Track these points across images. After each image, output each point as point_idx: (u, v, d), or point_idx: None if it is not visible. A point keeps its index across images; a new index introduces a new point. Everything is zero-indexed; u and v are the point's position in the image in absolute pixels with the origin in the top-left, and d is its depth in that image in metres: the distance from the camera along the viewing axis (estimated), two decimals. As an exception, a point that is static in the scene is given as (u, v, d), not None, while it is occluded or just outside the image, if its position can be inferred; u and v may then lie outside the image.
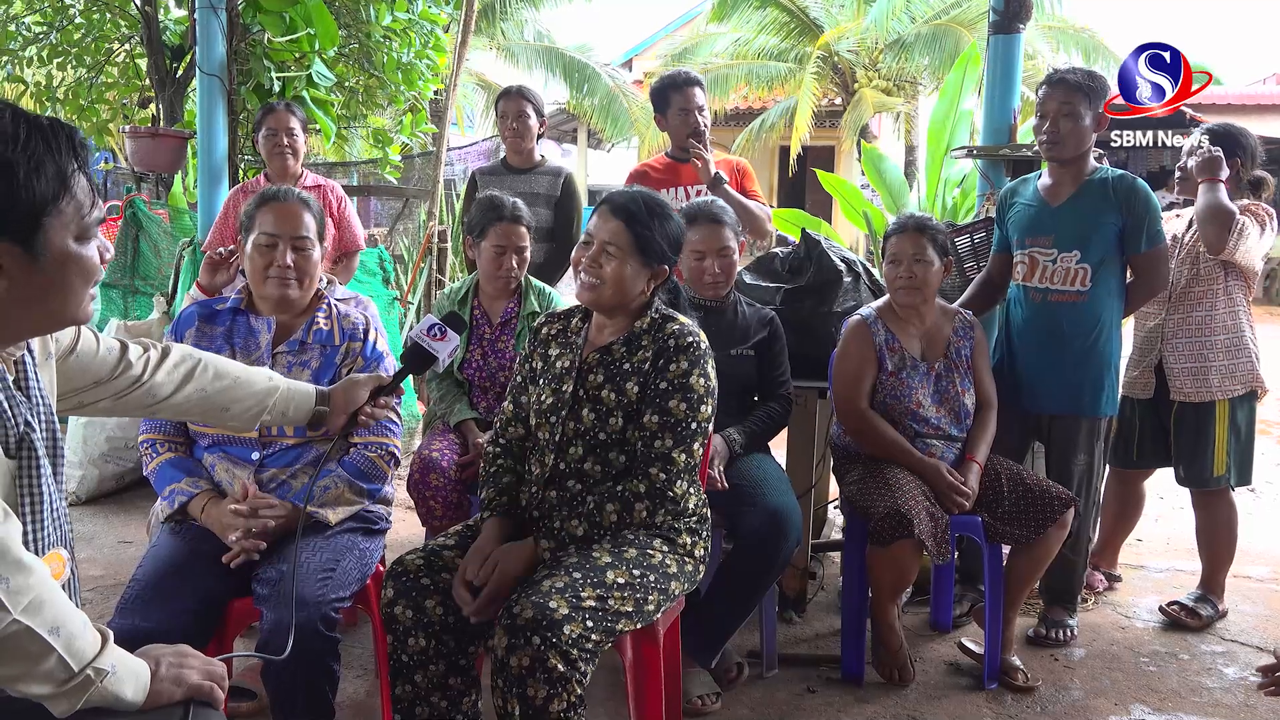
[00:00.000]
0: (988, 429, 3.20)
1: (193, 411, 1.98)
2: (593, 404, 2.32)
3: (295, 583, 2.12)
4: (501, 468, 2.45)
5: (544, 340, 2.50)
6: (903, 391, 3.15)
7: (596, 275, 2.32)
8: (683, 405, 2.25)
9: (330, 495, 2.43)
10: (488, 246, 3.32)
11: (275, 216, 2.54)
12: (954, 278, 3.79)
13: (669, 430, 2.25)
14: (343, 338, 2.57)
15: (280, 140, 4.31)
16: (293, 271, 2.52)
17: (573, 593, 2.05)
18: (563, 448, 2.34)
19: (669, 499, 2.26)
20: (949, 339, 3.23)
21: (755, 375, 3.21)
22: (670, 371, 2.27)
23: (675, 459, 2.25)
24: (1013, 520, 3.04)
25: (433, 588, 2.24)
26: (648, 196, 2.36)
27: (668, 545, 2.29)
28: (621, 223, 2.31)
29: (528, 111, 4.39)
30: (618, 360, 2.34)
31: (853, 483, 3.14)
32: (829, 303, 3.62)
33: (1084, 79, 3.24)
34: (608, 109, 16.91)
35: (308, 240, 2.55)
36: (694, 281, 3.22)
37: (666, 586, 2.22)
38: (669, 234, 2.36)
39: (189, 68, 5.82)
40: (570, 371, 2.38)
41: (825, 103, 17.28)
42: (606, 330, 2.40)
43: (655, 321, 2.36)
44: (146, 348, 1.90)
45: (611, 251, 2.31)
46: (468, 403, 3.35)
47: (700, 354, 2.29)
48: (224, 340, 2.56)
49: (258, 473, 2.45)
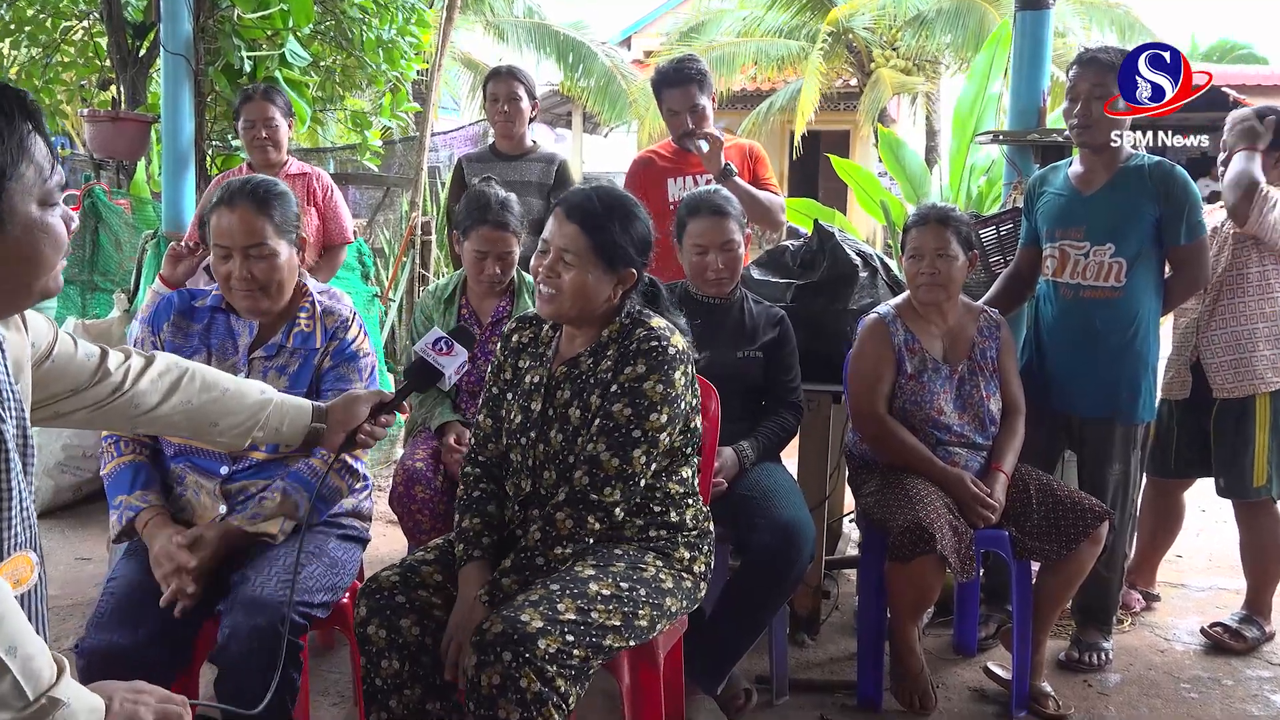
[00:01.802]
0: (1015, 436, 3.20)
1: (179, 426, 1.98)
2: (560, 424, 2.30)
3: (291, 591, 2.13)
4: (484, 492, 2.40)
5: (515, 349, 2.47)
6: (923, 396, 3.15)
7: (554, 285, 2.27)
8: (626, 410, 2.21)
9: (267, 507, 2.39)
10: (469, 249, 3.32)
11: (224, 225, 2.47)
12: (979, 273, 3.79)
13: (605, 434, 2.22)
14: (325, 338, 2.56)
15: (259, 132, 4.32)
16: (255, 282, 2.47)
17: (548, 605, 2.05)
18: (536, 472, 2.33)
19: (593, 504, 2.21)
20: (973, 339, 3.23)
21: (763, 379, 3.21)
22: (624, 375, 2.24)
23: (604, 462, 2.20)
24: (1042, 535, 3.04)
25: (408, 606, 2.23)
26: (607, 194, 2.31)
27: (662, 559, 2.29)
28: (577, 226, 2.26)
29: (519, 94, 4.39)
30: (584, 374, 2.31)
31: (870, 494, 3.14)
32: (843, 300, 3.62)
33: (1118, 58, 3.24)
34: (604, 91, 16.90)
35: (265, 247, 2.46)
36: (696, 277, 3.22)
37: (660, 602, 2.22)
38: (634, 235, 2.30)
39: (153, 46, 5.83)
40: (539, 388, 2.36)
41: (840, 84, 17.27)
42: (577, 341, 2.37)
43: (624, 327, 2.32)
44: (128, 354, 1.89)
45: (569, 259, 2.26)
46: (450, 406, 3.35)
47: (666, 359, 2.23)
48: (200, 340, 2.55)
49: (225, 484, 2.45)
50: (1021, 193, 3.72)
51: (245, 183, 2.51)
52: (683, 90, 4.06)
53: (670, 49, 16.13)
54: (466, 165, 4.53)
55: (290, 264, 2.53)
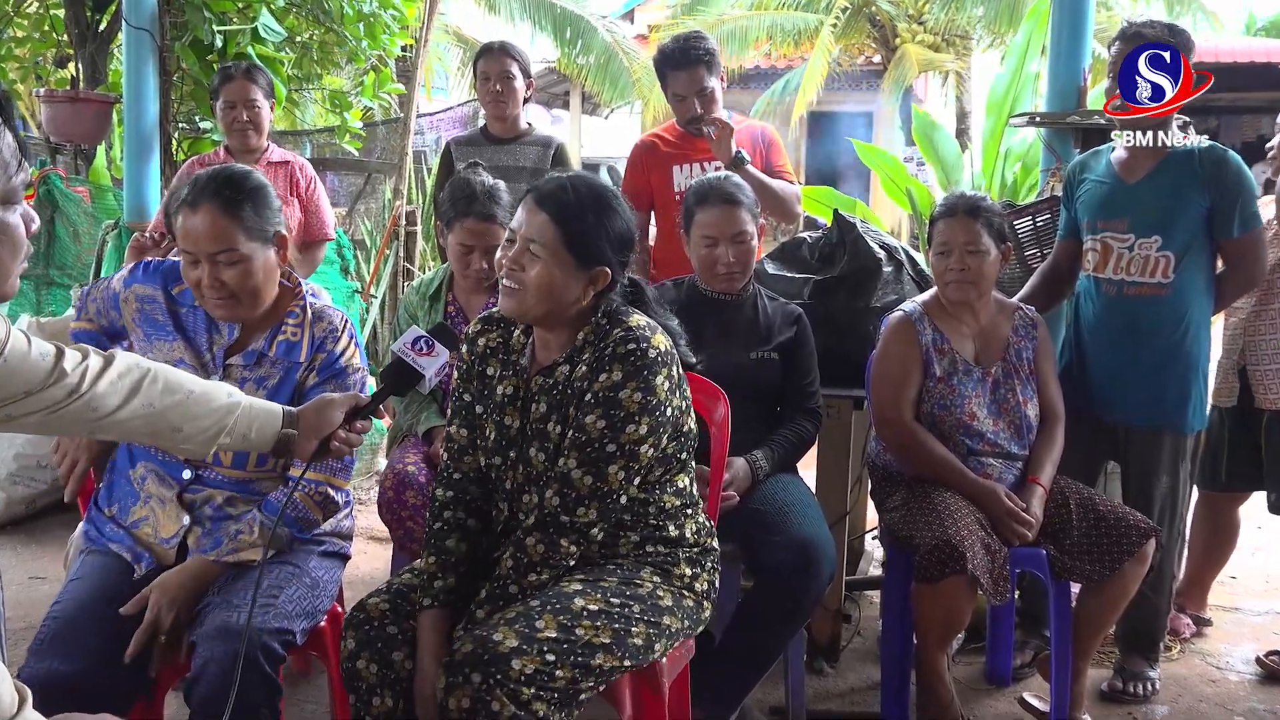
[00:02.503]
0: (1054, 446, 3.20)
1: (139, 431, 1.98)
2: (540, 441, 2.28)
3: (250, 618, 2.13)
4: (446, 523, 2.36)
5: (481, 353, 2.43)
6: (953, 401, 3.15)
7: (517, 279, 2.23)
8: (600, 422, 2.19)
9: (243, 540, 2.39)
10: (454, 242, 3.32)
11: (189, 228, 2.39)
12: (1013, 267, 3.79)
13: (575, 448, 2.20)
14: (310, 349, 2.52)
15: (239, 114, 4.32)
16: (226, 289, 2.41)
17: (525, 623, 2.05)
18: (515, 496, 2.32)
19: (565, 527, 2.19)
20: (1008, 339, 3.23)
21: (778, 382, 3.21)
22: (598, 383, 2.21)
23: (576, 480, 2.19)
24: (1083, 553, 3.04)
25: (400, 637, 2.23)
26: (585, 184, 2.29)
27: (660, 575, 2.28)
28: (547, 216, 2.23)
29: (512, 71, 4.39)
30: (560, 383, 2.29)
31: (894, 509, 3.14)
32: (866, 296, 3.63)
33: (1164, 33, 3.24)
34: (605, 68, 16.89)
35: (234, 253, 2.39)
36: (705, 272, 3.23)
37: (657, 620, 2.21)
38: (611, 231, 2.27)
39: (114, 20, 5.85)
40: (514, 400, 2.34)
41: (861, 60, 17.27)
42: (551, 346, 2.34)
43: (600, 328, 2.29)
44: (86, 354, 1.90)
45: (535, 251, 2.22)
46: (437, 410, 3.35)
47: (644, 363, 2.20)
48: (174, 328, 2.52)
49: (186, 492, 2.46)
50: (1060, 180, 3.72)
51: (211, 179, 2.42)
52: (689, 73, 4.05)
53: (676, 23, 16.12)
54: (455, 149, 4.54)
55: (267, 267, 2.46)
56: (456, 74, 17.93)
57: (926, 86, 18.62)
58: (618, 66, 16.67)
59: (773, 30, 16.55)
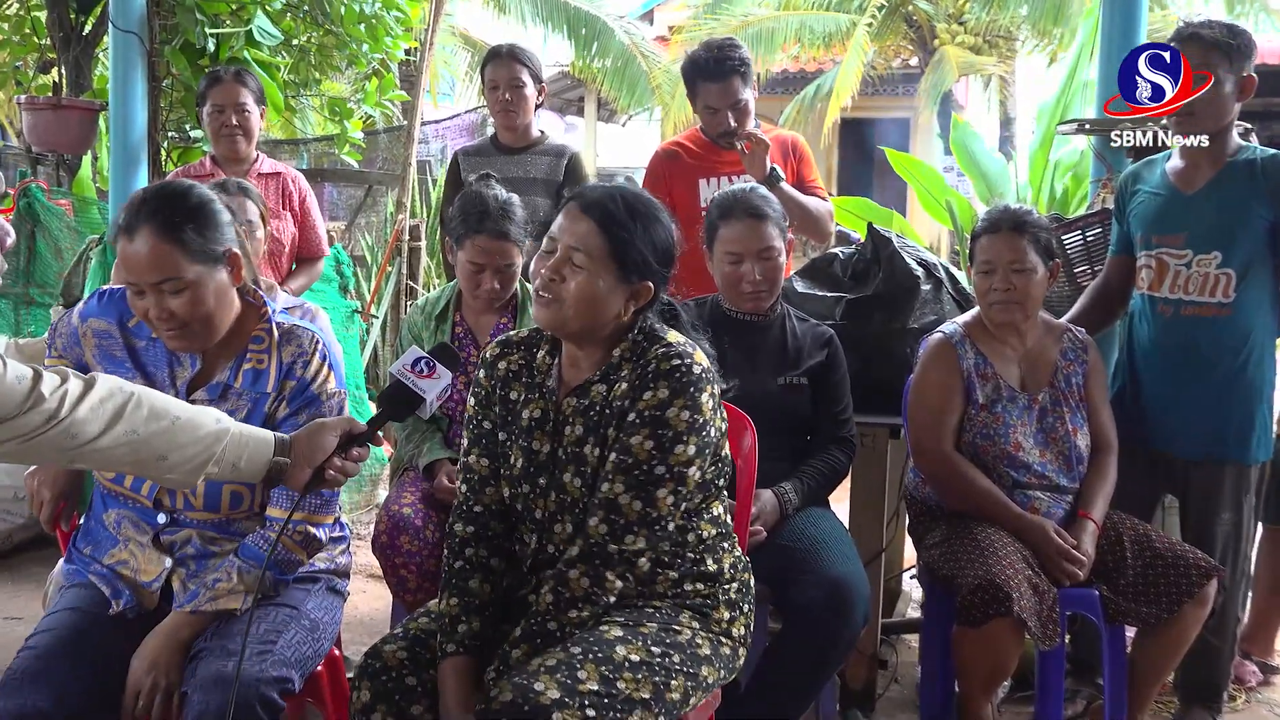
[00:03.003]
0: (1106, 478, 3.19)
1: (123, 460, 1.99)
2: (575, 465, 2.28)
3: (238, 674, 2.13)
4: (469, 561, 2.35)
5: (502, 377, 2.43)
6: (997, 430, 3.14)
7: (556, 291, 2.25)
8: (648, 443, 2.19)
9: (222, 589, 2.37)
10: (464, 260, 3.32)
11: (125, 257, 2.34)
12: (1062, 285, 3.79)
13: (621, 472, 2.20)
14: (280, 376, 2.48)
15: (228, 119, 4.35)
16: (175, 319, 2.35)
17: (567, 672, 2.04)
18: (547, 526, 2.31)
19: (612, 558, 2.19)
20: (1056, 363, 3.22)
21: (809, 410, 3.21)
22: (643, 401, 2.22)
23: (625, 507, 2.19)
24: (1139, 595, 3.02)
25: (420, 689, 2.23)
26: (630, 193, 2.31)
27: (699, 620, 2.28)
28: (594, 224, 2.24)
29: (522, 79, 4.39)
30: (596, 404, 2.30)
31: (934, 545, 3.13)
32: (903, 317, 3.62)
33: (1223, 34, 3.24)
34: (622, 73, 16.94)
35: (178, 280, 2.31)
36: (729, 291, 3.23)
37: (696, 671, 2.21)
38: (656, 241, 2.29)
39: (99, 22, 5.89)
40: (543, 424, 2.34)
41: (897, 64, 17.29)
42: (581, 365, 2.35)
43: (637, 344, 2.30)
44: (65, 377, 1.90)
45: (578, 261, 2.23)
46: (441, 440, 3.35)
47: (690, 380, 2.21)
48: (132, 364, 2.49)
49: (163, 535, 2.47)
50: (1111, 192, 3.71)
51: (147, 199, 2.35)
52: (723, 85, 4.04)
53: (698, 24, 16.19)
54: (463, 160, 4.56)
55: (219, 291, 2.39)
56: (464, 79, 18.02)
57: (967, 91, 18.65)
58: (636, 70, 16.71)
59: (801, 32, 16.58)
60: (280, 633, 2.35)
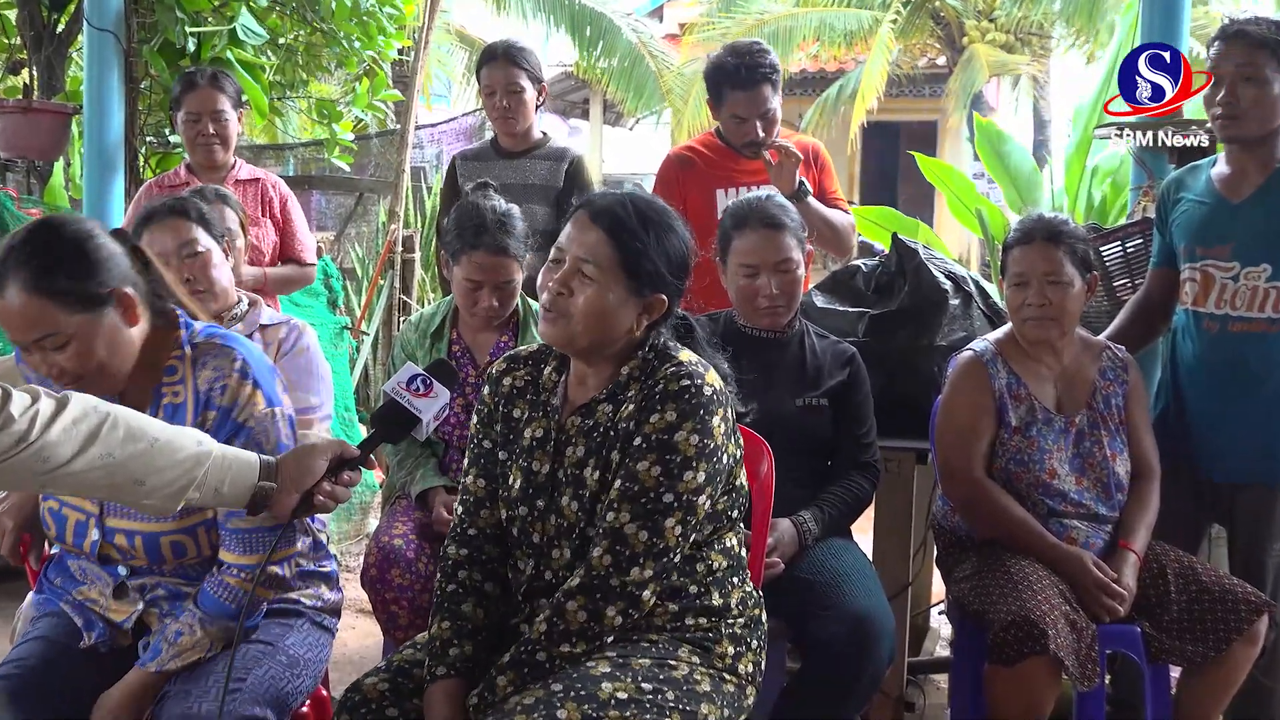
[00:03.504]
0: (1148, 507, 3.18)
1: (97, 484, 1.99)
2: (574, 488, 2.29)
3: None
4: (461, 585, 2.36)
5: (506, 394, 2.44)
6: (1031, 454, 3.14)
7: (563, 306, 2.25)
8: (655, 469, 2.19)
9: (185, 643, 2.35)
10: (460, 276, 3.32)
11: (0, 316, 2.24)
12: (1100, 299, 3.79)
13: (627, 500, 2.20)
14: (198, 409, 2.38)
15: (205, 128, 4.37)
16: (67, 374, 2.25)
17: (545, 711, 2.04)
18: (544, 551, 2.32)
19: (614, 591, 2.19)
20: (1094, 383, 3.22)
21: (829, 433, 3.21)
22: (649, 424, 2.22)
23: (631, 538, 2.18)
24: (1184, 631, 3.02)
25: (401, 719, 2.23)
26: (643, 201, 2.32)
27: (699, 655, 2.27)
28: (603, 233, 2.25)
29: (520, 82, 4.36)
30: (601, 424, 2.30)
31: (964, 579, 3.13)
32: (930, 333, 3.63)
33: (1271, 32, 3.24)
34: (629, 73, 16.97)
35: (57, 335, 2.21)
36: (744, 306, 3.23)
37: (694, 710, 2.18)
38: (669, 252, 2.30)
39: (73, 21, 5.91)
40: (544, 444, 2.35)
41: (924, 63, 17.31)
42: (589, 382, 2.36)
43: (647, 362, 2.31)
44: (36, 397, 1.91)
45: (588, 272, 2.24)
46: (435, 467, 3.36)
47: (700, 402, 2.22)
48: None
49: (129, 579, 2.47)
50: (1153, 200, 3.71)
51: (12, 248, 2.22)
52: (753, 93, 4.04)
53: (712, 22, 16.20)
54: (460, 166, 4.56)
55: (109, 336, 2.28)
56: (460, 80, 18.07)
57: (999, 92, 18.64)
58: (644, 71, 16.74)
59: (821, 30, 16.59)
60: (250, 670, 2.34)
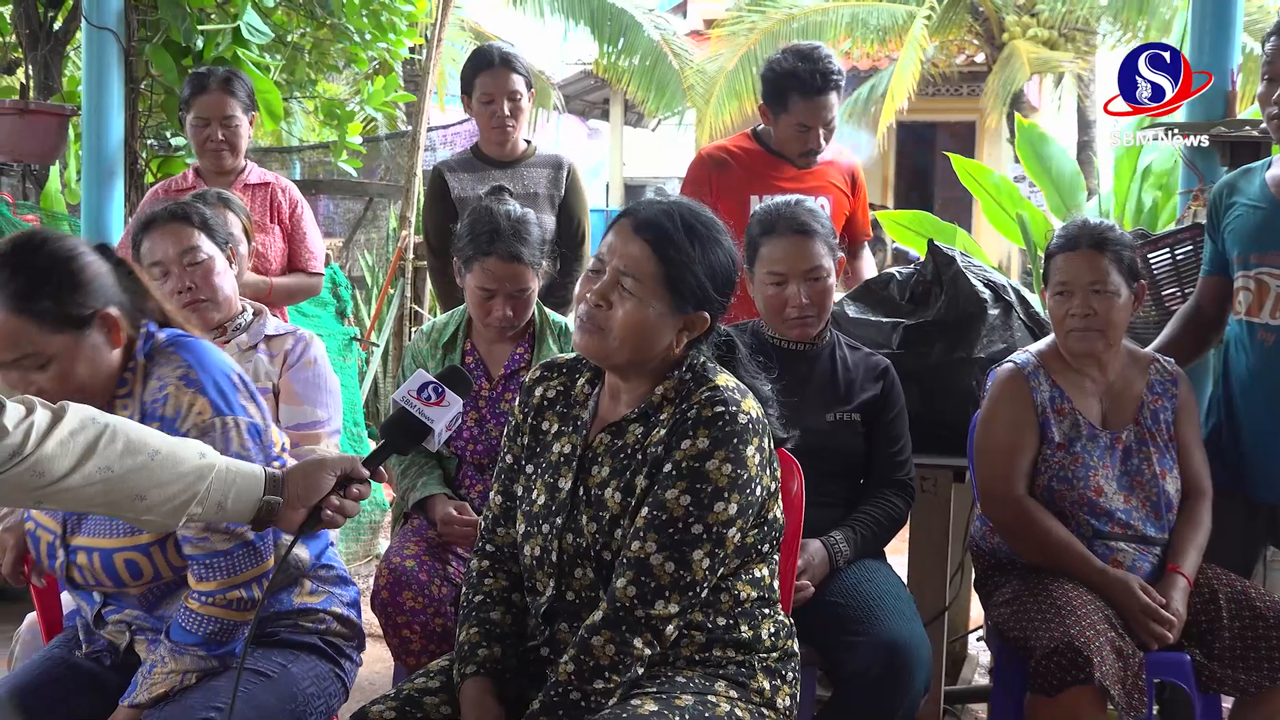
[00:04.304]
0: (1199, 528, 3.17)
1: (95, 500, 2.00)
2: (594, 509, 2.30)
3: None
4: (488, 595, 2.40)
5: (538, 406, 2.46)
6: (1076, 472, 3.14)
7: (601, 319, 2.26)
8: (685, 498, 2.19)
9: (156, 675, 2.35)
10: (472, 285, 3.34)
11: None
12: (1148, 309, 3.78)
13: (654, 529, 2.20)
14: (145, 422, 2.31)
15: (214, 133, 4.39)
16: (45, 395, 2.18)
17: None
18: (566, 571, 2.33)
19: (640, 623, 2.19)
20: (1142, 398, 3.22)
21: (862, 449, 3.21)
22: (680, 450, 2.22)
23: (657, 569, 2.18)
24: (1236, 660, 3.00)
25: None
26: (688, 210, 2.32)
27: (737, 689, 2.28)
28: (646, 245, 2.25)
29: (520, 89, 4.42)
30: (629, 444, 2.31)
31: (1004, 603, 3.12)
32: (968, 345, 3.63)
33: (1332, 27, 3.24)
34: (651, 72, 17.00)
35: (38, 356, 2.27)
36: (772, 316, 3.24)
37: None
38: (715, 267, 2.30)
39: (71, 18, 5.95)
40: (570, 460, 2.36)
41: (961, 60, 17.30)
42: (622, 399, 2.36)
43: (683, 384, 2.31)
44: (30, 408, 1.92)
45: (629, 286, 2.24)
46: (439, 477, 3.37)
47: (734, 430, 2.21)
48: None
49: (106, 613, 2.49)
50: (1204, 205, 3.70)
51: None
52: (821, 101, 4.13)
53: (740, 18, 16.23)
54: (450, 176, 4.54)
55: (91, 356, 2.33)
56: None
57: (1040, 91, 18.63)
58: (667, 70, 16.76)
59: (853, 26, 16.59)
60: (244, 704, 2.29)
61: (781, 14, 16.10)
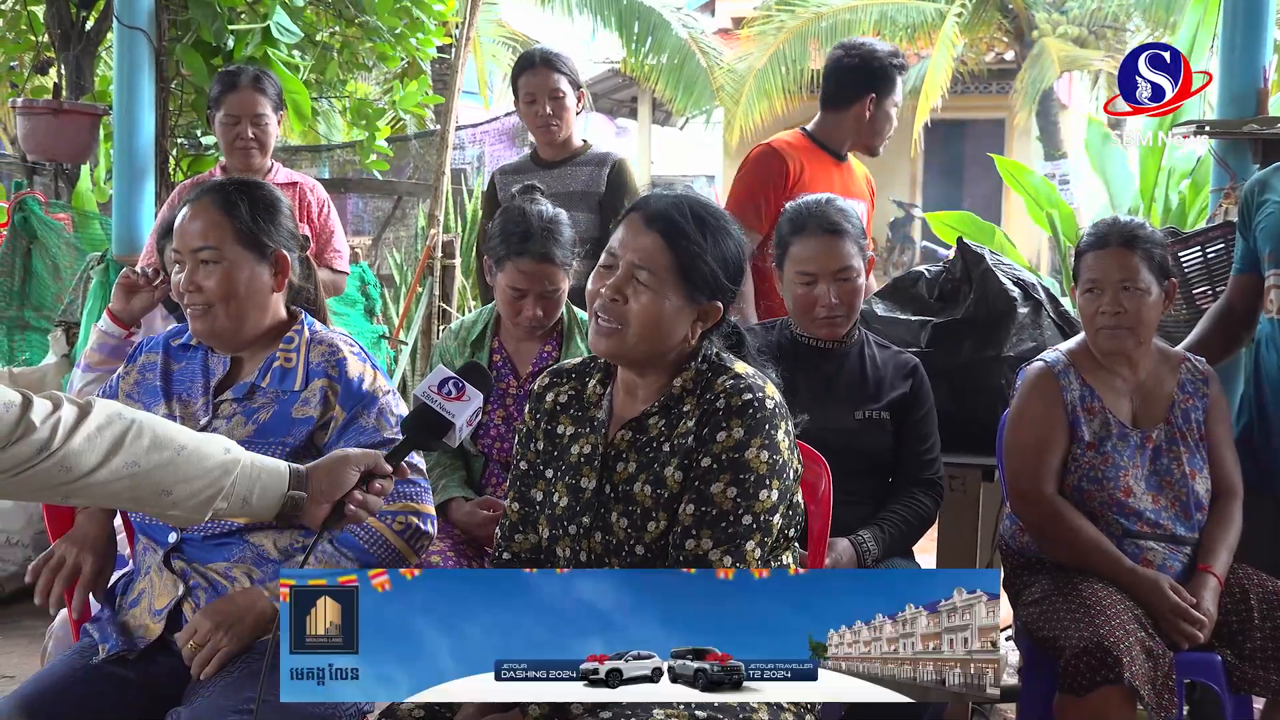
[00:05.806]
0: (1230, 528, 3.16)
1: (122, 495, 2.01)
2: (624, 505, 2.29)
3: None
4: None
5: (549, 411, 2.46)
6: (1106, 471, 3.13)
7: (617, 314, 2.25)
8: (731, 490, 2.20)
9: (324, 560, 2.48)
10: (503, 284, 3.33)
11: (178, 229, 2.61)
12: (1178, 308, 3.77)
13: (706, 525, 2.20)
14: (309, 378, 2.60)
15: (243, 130, 4.41)
16: (201, 295, 2.57)
17: None
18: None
19: None
20: (1172, 397, 3.20)
21: (891, 448, 3.21)
22: (717, 443, 2.22)
23: (715, 564, 2.19)
24: (1268, 660, 2.99)
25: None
26: (696, 201, 2.32)
27: None
28: (658, 237, 2.25)
29: (561, 88, 4.41)
30: (654, 438, 2.31)
31: (1033, 603, 3.11)
32: (997, 344, 3.62)
33: (1365, 24, 3.23)
34: (679, 71, 16.99)
35: (216, 251, 2.57)
36: (801, 315, 3.23)
37: None
38: (726, 256, 2.30)
39: (103, 19, 5.99)
40: (591, 460, 2.36)
41: (990, 58, 17.23)
42: (638, 395, 2.36)
43: (701, 375, 2.31)
44: (58, 404, 1.93)
45: (643, 279, 2.24)
46: (461, 479, 3.38)
47: (764, 415, 2.22)
48: (163, 390, 2.67)
49: (172, 558, 2.53)
50: (1235, 203, 3.69)
51: (216, 181, 2.72)
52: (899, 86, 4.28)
53: (769, 15, 16.22)
54: (500, 180, 4.57)
55: (254, 282, 2.61)
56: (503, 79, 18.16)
57: (1070, 89, 18.54)
58: (695, 68, 16.75)
59: (882, 23, 16.56)
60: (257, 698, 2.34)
61: (810, 12, 16.08)
